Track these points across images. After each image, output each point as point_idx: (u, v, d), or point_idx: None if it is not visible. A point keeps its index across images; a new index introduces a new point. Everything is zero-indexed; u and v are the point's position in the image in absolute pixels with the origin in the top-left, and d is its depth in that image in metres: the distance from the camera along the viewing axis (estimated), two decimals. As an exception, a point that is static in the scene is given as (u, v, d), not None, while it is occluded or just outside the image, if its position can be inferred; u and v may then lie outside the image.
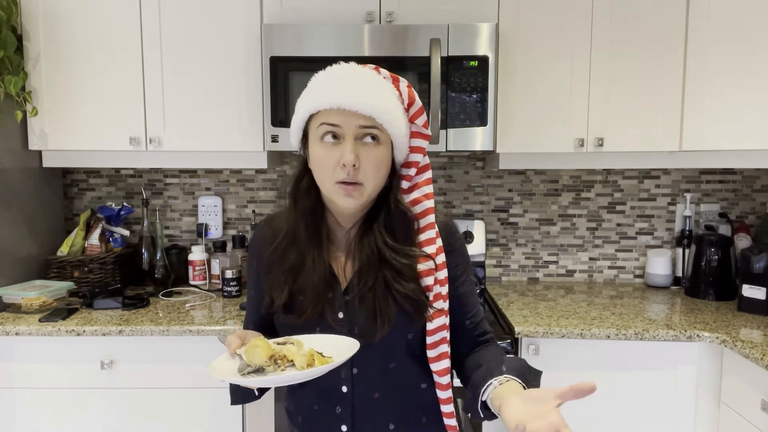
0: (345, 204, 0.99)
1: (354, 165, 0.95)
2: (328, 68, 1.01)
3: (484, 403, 0.94)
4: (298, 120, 1.02)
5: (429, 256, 1.02)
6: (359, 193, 0.98)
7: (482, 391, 0.93)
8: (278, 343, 0.96)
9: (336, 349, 0.95)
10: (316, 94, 0.98)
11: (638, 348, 1.83)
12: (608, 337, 1.80)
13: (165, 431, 1.88)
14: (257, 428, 1.86)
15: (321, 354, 0.93)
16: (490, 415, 0.94)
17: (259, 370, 0.93)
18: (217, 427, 1.88)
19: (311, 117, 1.00)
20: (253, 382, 0.89)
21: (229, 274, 2.17)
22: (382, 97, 0.97)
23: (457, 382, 1.10)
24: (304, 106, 1.00)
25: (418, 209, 1.05)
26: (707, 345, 1.81)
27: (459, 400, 1.14)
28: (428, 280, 1.02)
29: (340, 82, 0.97)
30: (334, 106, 0.95)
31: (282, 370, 0.92)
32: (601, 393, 1.85)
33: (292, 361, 0.93)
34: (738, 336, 1.74)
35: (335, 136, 0.97)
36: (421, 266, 1.02)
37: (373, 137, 0.97)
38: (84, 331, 1.81)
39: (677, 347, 1.82)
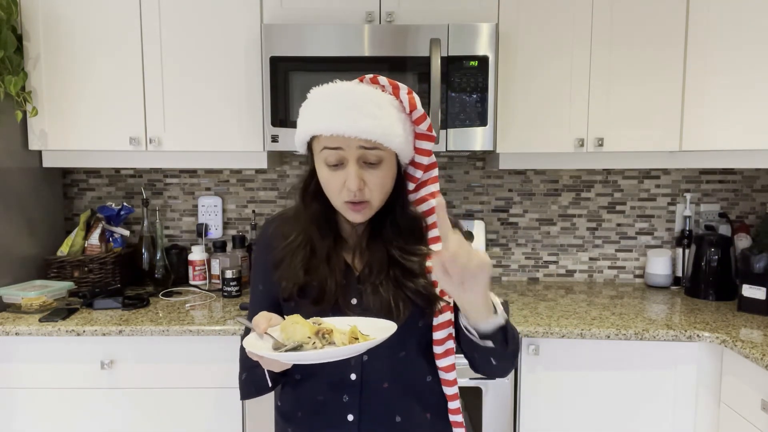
0: (354, 219, 1.04)
1: (360, 188, 0.98)
2: (325, 86, 1.00)
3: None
4: (300, 137, 1.04)
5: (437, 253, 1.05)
6: (368, 210, 1.03)
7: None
8: None
9: (367, 328, 0.95)
10: (316, 118, 0.99)
11: (638, 348, 1.83)
12: (608, 337, 1.80)
13: (165, 431, 1.88)
14: (257, 428, 1.86)
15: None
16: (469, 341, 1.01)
17: (295, 348, 0.92)
18: (217, 427, 1.88)
19: (313, 138, 1.02)
20: (297, 357, 0.89)
21: (229, 274, 2.17)
22: (382, 119, 0.97)
23: (461, 382, 1.11)
24: (305, 126, 1.01)
25: (424, 207, 1.08)
26: (707, 345, 1.81)
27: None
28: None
29: (338, 107, 0.97)
30: (334, 134, 0.96)
31: (321, 347, 0.92)
32: (601, 393, 1.85)
33: (331, 341, 0.93)
34: (738, 336, 1.74)
35: (338, 161, 0.98)
36: (429, 262, 1.05)
37: (376, 158, 0.98)
38: (84, 331, 1.81)
39: (677, 347, 1.82)
